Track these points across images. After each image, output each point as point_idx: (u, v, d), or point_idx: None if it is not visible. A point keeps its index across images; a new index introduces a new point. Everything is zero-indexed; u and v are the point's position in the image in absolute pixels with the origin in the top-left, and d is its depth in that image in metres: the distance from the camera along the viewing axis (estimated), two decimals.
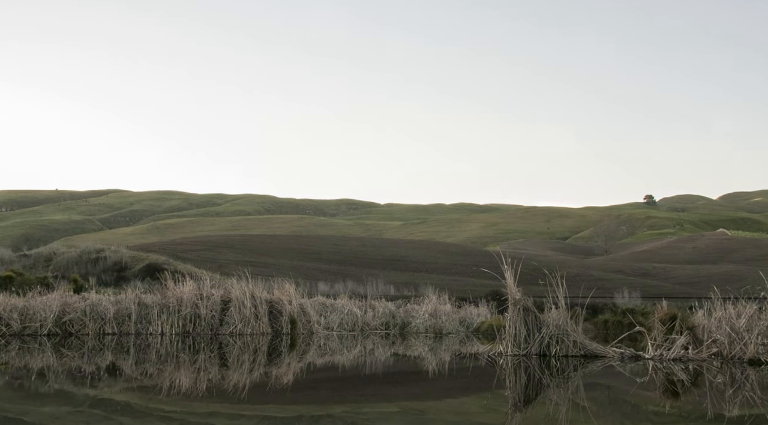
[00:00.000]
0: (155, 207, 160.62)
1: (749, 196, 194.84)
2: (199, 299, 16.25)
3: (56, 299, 16.14)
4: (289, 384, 8.47)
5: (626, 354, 11.21)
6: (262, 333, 16.15)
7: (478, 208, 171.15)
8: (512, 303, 11.43)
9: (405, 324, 20.59)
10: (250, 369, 9.92)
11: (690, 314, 11.74)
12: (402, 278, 42.97)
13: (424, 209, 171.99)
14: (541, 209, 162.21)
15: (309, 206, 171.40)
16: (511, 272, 11.52)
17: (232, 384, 8.25)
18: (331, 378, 9.27)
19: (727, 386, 8.14)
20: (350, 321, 19.54)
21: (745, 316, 11.03)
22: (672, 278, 55.64)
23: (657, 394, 7.65)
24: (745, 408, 6.49)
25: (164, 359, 11.35)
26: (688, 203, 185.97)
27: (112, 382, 8.34)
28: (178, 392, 7.44)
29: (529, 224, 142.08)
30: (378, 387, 8.43)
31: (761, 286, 11.34)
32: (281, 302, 17.07)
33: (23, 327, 15.13)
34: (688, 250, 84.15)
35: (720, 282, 14.43)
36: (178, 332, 15.80)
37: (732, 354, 10.74)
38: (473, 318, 21.15)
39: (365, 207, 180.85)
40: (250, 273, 17.43)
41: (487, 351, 11.87)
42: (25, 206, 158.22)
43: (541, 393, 7.84)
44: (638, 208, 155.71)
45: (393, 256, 63.06)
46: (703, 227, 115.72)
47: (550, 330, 11.24)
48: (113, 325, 15.78)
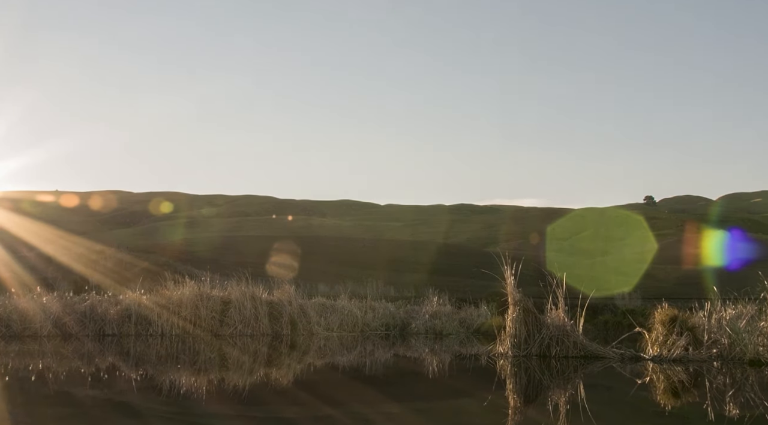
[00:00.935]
0: (155, 208, 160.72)
1: (749, 197, 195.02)
2: (199, 300, 16.25)
3: (56, 300, 16.17)
4: (290, 385, 8.48)
5: (626, 354, 11.20)
6: (262, 334, 16.15)
7: (479, 209, 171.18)
8: (512, 304, 11.43)
9: (405, 325, 20.58)
10: (250, 371, 9.92)
11: (690, 315, 11.72)
12: (402, 279, 42.97)
13: (424, 210, 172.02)
14: (541, 210, 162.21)
15: (309, 206, 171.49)
16: (511, 273, 11.52)
17: (232, 386, 8.25)
18: (331, 379, 9.27)
19: (728, 387, 8.14)
20: (350, 322, 19.53)
21: (745, 317, 11.03)
22: (672, 278, 55.66)
23: (657, 395, 7.65)
24: (746, 409, 6.49)
25: (164, 360, 11.35)
26: (688, 203, 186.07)
27: (112, 383, 8.34)
28: (178, 393, 7.44)
29: (529, 225, 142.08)
30: (378, 388, 8.43)
31: (761, 287, 11.35)
32: (281, 303, 17.07)
33: (23, 327, 15.13)
34: (689, 250, 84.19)
35: (720, 283, 14.43)
36: (178, 333, 15.80)
37: (732, 354, 10.74)
38: (473, 319, 21.13)
39: (365, 208, 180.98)
40: (250, 274, 17.44)
41: (488, 352, 11.86)
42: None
43: (541, 394, 7.84)
44: (638, 208, 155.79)
45: (393, 257, 63.07)
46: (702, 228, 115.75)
47: (550, 331, 11.24)
48: (113, 326, 15.79)
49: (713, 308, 11.38)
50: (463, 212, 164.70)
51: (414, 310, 21.61)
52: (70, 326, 15.43)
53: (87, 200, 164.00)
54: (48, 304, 15.86)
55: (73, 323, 15.49)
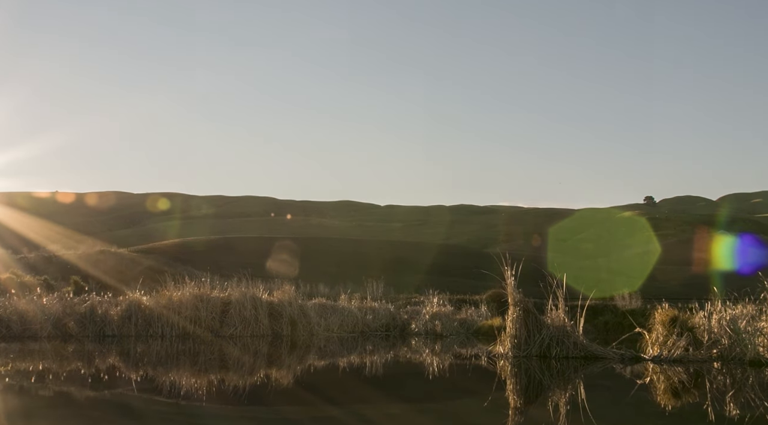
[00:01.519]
0: (155, 208, 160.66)
1: (749, 197, 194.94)
2: (199, 301, 16.25)
3: (56, 301, 16.16)
4: (290, 386, 8.48)
5: (626, 355, 11.20)
6: (262, 335, 16.15)
7: (479, 209, 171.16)
8: (512, 305, 11.43)
9: (405, 325, 20.59)
10: (251, 371, 9.92)
11: (690, 315, 11.71)
12: (402, 279, 43.00)
13: (424, 211, 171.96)
14: (541, 211, 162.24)
15: (309, 207, 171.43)
16: (511, 274, 11.52)
17: (232, 387, 8.25)
18: (331, 380, 9.26)
19: (728, 387, 8.14)
20: (350, 323, 19.53)
21: (745, 317, 11.03)
22: (672, 279, 55.67)
23: (657, 396, 7.65)
24: (746, 410, 6.49)
25: (164, 361, 11.35)
26: (688, 204, 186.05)
27: (113, 384, 8.34)
28: (178, 394, 7.44)
29: (529, 225, 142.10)
30: (378, 389, 8.43)
31: (761, 287, 11.35)
32: (281, 303, 17.07)
33: (23, 328, 15.12)
34: (689, 251, 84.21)
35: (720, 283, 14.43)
36: (178, 334, 15.80)
37: (732, 355, 10.74)
38: (473, 320, 21.14)
39: (365, 209, 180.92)
40: (250, 275, 17.45)
41: (488, 353, 11.86)
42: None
43: (541, 395, 7.84)
44: (638, 209, 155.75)
45: (393, 257, 63.09)
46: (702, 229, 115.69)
47: (551, 332, 11.23)
48: (113, 327, 15.79)
49: (713, 308, 11.37)
50: (463, 212, 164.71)
51: (414, 311, 21.62)
52: (70, 327, 15.43)
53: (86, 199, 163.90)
54: (48, 305, 15.86)
55: (74, 324, 15.49)
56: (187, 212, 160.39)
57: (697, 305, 12.14)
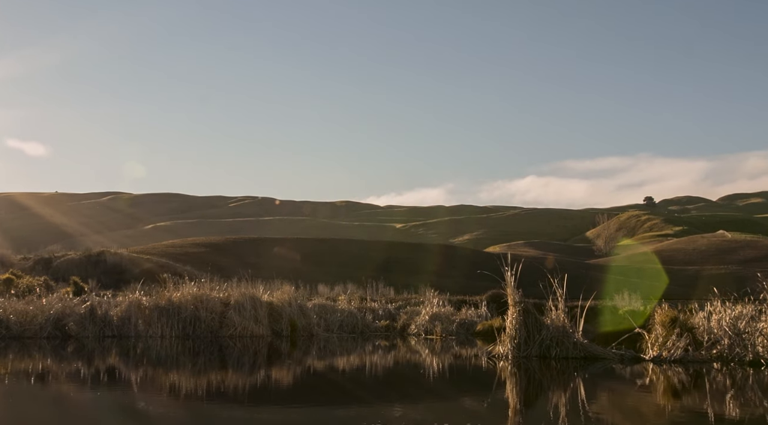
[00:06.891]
0: (155, 209, 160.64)
1: (749, 197, 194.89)
2: (198, 302, 16.23)
3: (56, 301, 16.14)
4: (290, 386, 8.48)
5: (626, 355, 11.20)
6: (262, 335, 16.13)
7: (478, 209, 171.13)
8: (512, 305, 11.42)
9: (405, 325, 20.57)
10: (250, 372, 9.92)
11: (690, 315, 11.70)
12: (402, 280, 42.97)
13: (424, 211, 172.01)
14: (541, 211, 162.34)
15: (309, 208, 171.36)
16: (511, 274, 11.51)
17: (232, 387, 8.25)
18: (331, 381, 9.26)
19: (728, 387, 8.14)
20: (350, 323, 19.53)
21: (745, 317, 11.01)
22: (672, 279, 55.64)
23: (657, 396, 7.65)
24: (746, 410, 6.49)
25: (164, 361, 11.35)
26: (688, 204, 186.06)
27: (112, 384, 8.34)
28: (178, 394, 7.44)
29: (529, 226, 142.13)
30: (378, 389, 8.43)
31: (761, 287, 11.33)
32: (281, 304, 17.06)
33: (23, 329, 15.10)
34: (688, 251, 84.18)
35: (720, 284, 14.40)
36: (178, 334, 15.78)
37: (732, 355, 10.73)
38: (473, 320, 21.12)
39: (365, 209, 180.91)
40: (250, 275, 17.43)
41: (488, 353, 11.86)
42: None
43: (541, 395, 7.84)
44: (638, 209, 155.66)
45: (393, 258, 63.07)
46: (702, 229, 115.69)
47: (551, 332, 11.22)
48: (113, 327, 15.77)
49: (713, 309, 11.37)
50: (463, 212, 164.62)
51: (413, 311, 21.60)
52: (70, 327, 15.42)
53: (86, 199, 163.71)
54: (48, 305, 15.83)
55: (74, 324, 15.48)
56: (187, 213, 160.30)
57: (696, 305, 12.14)
